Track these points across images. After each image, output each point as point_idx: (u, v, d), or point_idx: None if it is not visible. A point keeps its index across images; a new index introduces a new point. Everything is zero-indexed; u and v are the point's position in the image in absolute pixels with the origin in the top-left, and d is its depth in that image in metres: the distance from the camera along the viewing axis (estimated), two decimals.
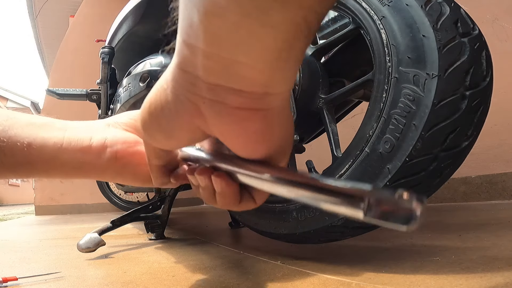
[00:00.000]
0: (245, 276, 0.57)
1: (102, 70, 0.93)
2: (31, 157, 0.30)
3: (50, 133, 0.31)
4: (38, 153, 0.30)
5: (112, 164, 0.33)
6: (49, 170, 0.31)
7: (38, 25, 6.33)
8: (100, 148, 0.33)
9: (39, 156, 0.30)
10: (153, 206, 1.20)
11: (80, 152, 0.32)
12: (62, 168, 0.32)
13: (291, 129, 0.24)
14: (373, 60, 0.54)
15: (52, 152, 0.31)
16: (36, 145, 0.30)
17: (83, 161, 0.32)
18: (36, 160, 0.30)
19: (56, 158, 0.31)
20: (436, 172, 0.47)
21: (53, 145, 0.31)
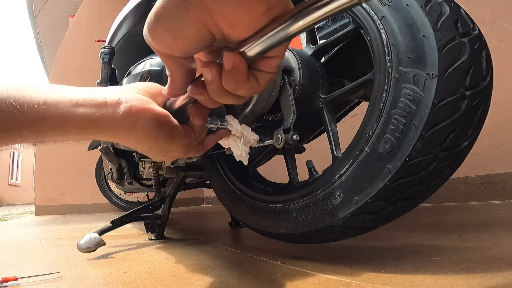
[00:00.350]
0: (245, 276, 0.57)
1: (102, 70, 0.93)
2: (46, 113, 0.30)
3: (66, 93, 0.32)
4: (53, 109, 0.30)
5: (126, 119, 0.34)
6: (65, 125, 0.31)
7: (38, 25, 6.33)
8: (115, 104, 0.34)
9: (55, 112, 0.30)
10: (153, 206, 1.20)
11: (95, 107, 0.33)
12: (77, 123, 0.32)
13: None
14: (373, 60, 0.54)
15: (68, 107, 0.31)
16: (51, 101, 0.30)
17: (98, 116, 0.33)
18: (52, 115, 0.30)
19: (71, 113, 0.31)
20: (436, 172, 0.47)
21: (68, 101, 0.31)
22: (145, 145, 0.37)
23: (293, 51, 0.69)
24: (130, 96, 0.35)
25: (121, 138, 0.35)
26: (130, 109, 0.34)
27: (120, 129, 0.34)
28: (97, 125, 0.33)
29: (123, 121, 0.34)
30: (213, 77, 0.31)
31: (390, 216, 0.52)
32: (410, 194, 0.48)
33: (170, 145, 0.38)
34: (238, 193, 0.78)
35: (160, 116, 0.36)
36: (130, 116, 0.34)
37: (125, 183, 1.67)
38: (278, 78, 0.64)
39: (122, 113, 0.34)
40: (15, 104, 0.29)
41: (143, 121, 0.35)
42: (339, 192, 0.53)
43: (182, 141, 0.39)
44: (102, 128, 0.33)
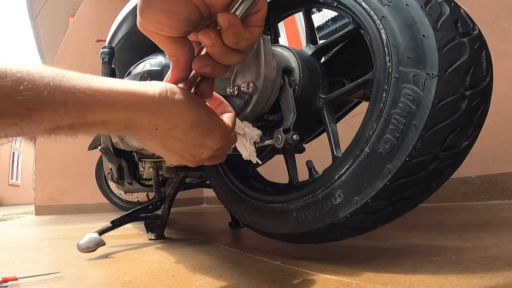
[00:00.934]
0: (245, 276, 0.57)
1: (102, 70, 0.93)
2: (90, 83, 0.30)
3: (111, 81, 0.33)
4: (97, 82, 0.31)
5: (164, 96, 0.35)
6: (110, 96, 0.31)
7: (38, 25, 6.33)
8: (148, 85, 0.35)
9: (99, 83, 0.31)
10: (153, 206, 1.20)
11: (134, 85, 0.33)
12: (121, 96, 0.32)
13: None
14: (373, 60, 0.54)
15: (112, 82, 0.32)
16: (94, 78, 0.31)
17: (139, 91, 0.33)
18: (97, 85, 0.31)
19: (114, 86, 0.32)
20: (436, 172, 0.47)
21: (110, 79, 0.32)
22: (187, 122, 0.36)
23: (293, 51, 0.69)
24: (160, 82, 0.36)
25: (164, 115, 0.35)
26: (165, 87, 0.35)
27: (161, 104, 0.34)
28: (140, 98, 0.33)
29: (162, 96, 0.34)
30: (213, 38, 0.33)
31: (390, 216, 0.52)
32: (410, 194, 0.48)
33: (211, 124, 0.38)
34: (238, 193, 0.78)
35: (194, 95, 0.38)
36: (167, 92, 0.35)
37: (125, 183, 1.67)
38: (278, 78, 0.64)
39: (159, 90, 0.35)
40: (61, 75, 0.28)
41: (180, 95, 0.36)
42: (339, 192, 0.53)
43: (221, 123, 0.40)
44: (145, 102, 0.33)
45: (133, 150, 1.01)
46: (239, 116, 0.64)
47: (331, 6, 0.65)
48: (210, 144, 0.39)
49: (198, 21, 0.34)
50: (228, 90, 0.63)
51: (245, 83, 0.62)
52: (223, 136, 0.40)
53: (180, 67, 0.37)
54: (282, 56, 0.69)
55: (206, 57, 0.36)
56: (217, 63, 0.36)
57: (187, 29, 0.35)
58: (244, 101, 0.64)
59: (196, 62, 0.36)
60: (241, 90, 0.62)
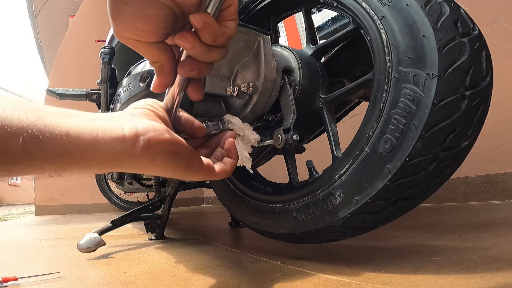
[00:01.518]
0: (245, 276, 0.57)
1: (102, 70, 0.93)
2: (69, 145, 0.29)
3: (83, 123, 0.31)
4: (76, 141, 0.29)
5: (146, 152, 0.34)
6: (86, 159, 0.31)
7: (38, 25, 6.33)
8: (133, 137, 0.33)
9: (77, 145, 0.30)
10: (153, 206, 1.20)
11: (115, 142, 0.32)
12: (98, 158, 0.31)
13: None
14: (373, 60, 0.54)
15: (89, 141, 0.30)
16: (73, 133, 0.29)
17: (119, 150, 0.32)
18: (74, 148, 0.29)
19: (92, 147, 0.31)
20: (436, 172, 0.47)
21: (89, 133, 0.31)
22: (164, 174, 0.37)
23: (293, 51, 0.69)
24: (147, 126, 0.35)
25: (141, 170, 0.36)
26: (148, 142, 0.34)
27: (140, 163, 0.34)
28: (117, 159, 0.32)
29: (143, 156, 0.34)
30: (191, 41, 0.34)
31: (390, 216, 0.52)
32: (410, 194, 0.48)
33: (187, 173, 0.38)
34: (238, 193, 0.78)
35: (177, 146, 0.36)
36: (149, 150, 0.34)
37: (125, 183, 1.67)
38: (278, 78, 0.64)
39: (141, 148, 0.33)
40: (37, 134, 0.27)
41: (161, 154, 0.35)
42: (339, 192, 0.53)
43: (199, 171, 0.39)
44: (122, 162, 0.33)
45: None
46: (239, 116, 0.64)
47: (331, 6, 0.65)
48: (194, 178, 0.40)
49: (174, 23, 0.35)
50: (228, 90, 0.63)
51: (245, 83, 0.62)
52: (202, 178, 0.40)
53: (165, 73, 0.38)
54: (282, 56, 0.69)
55: (189, 61, 0.36)
56: (201, 63, 0.37)
57: (166, 32, 0.35)
58: (244, 101, 0.64)
59: (181, 68, 0.36)
60: (241, 90, 0.62)
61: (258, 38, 0.61)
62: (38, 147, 0.27)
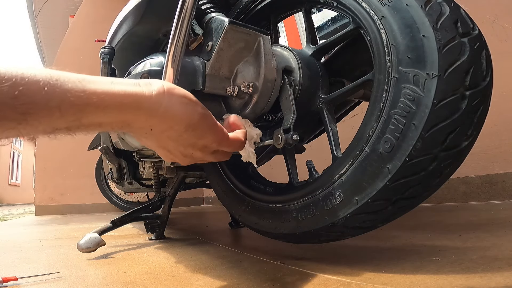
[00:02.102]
0: (245, 276, 0.57)
1: (102, 70, 0.93)
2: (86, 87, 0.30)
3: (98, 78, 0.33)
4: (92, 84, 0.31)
5: (161, 95, 0.35)
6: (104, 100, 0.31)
7: (38, 25, 6.33)
8: (147, 84, 0.35)
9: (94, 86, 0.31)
10: (153, 206, 1.20)
11: (130, 85, 0.34)
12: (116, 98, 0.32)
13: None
14: (373, 60, 0.54)
15: (106, 83, 0.32)
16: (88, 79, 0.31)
17: (136, 91, 0.33)
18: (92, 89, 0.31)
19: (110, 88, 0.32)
20: (436, 172, 0.47)
21: (103, 81, 0.32)
22: (182, 124, 0.37)
23: (293, 51, 0.69)
24: (158, 80, 0.37)
25: (159, 116, 0.35)
26: (163, 87, 0.35)
27: (157, 105, 0.35)
28: (136, 100, 0.33)
29: (159, 97, 0.35)
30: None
31: (390, 216, 0.52)
32: (410, 194, 0.48)
33: (204, 124, 0.39)
34: (238, 193, 0.77)
35: (191, 96, 0.38)
36: (164, 93, 0.35)
37: (125, 183, 1.67)
38: (278, 78, 0.64)
39: (156, 90, 0.35)
40: (54, 78, 0.29)
41: (177, 96, 0.36)
42: (339, 192, 0.53)
43: (216, 127, 0.40)
44: (141, 104, 0.34)
45: (133, 150, 1.00)
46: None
47: (331, 6, 0.65)
48: (201, 146, 0.40)
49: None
50: (228, 90, 0.63)
51: (245, 83, 0.62)
52: (217, 141, 0.41)
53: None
54: (282, 56, 0.69)
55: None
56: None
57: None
58: (244, 101, 0.64)
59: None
60: (241, 90, 0.62)
61: (258, 38, 0.61)
62: (54, 87, 0.28)
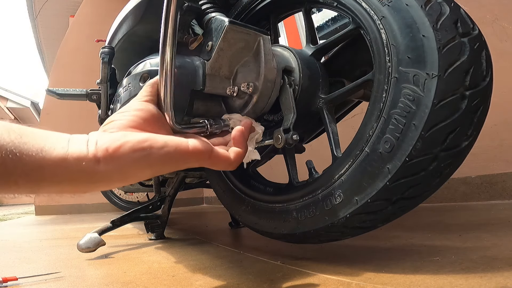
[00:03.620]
0: (245, 276, 0.57)
1: (102, 70, 0.93)
2: (43, 161, 0.30)
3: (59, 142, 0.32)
4: (48, 157, 0.30)
5: (109, 160, 0.33)
6: (57, 175, 0.31)
7: (38, 25, 6.33)
8: (94, 152, 0.33)
9: (50, 160, 0.30)
10: (153, 206, 1.20)
11: (80, 160, 0.32)
12: (68, 175, 0.31)
13: None
14: (373, 60, 0.54)
15: (59, 158, 0.31)
16: (47, 149, 0.30)
17: (84, 167, 0.32)
18: (47, 164, 0.30)
19: (62, 163, 0.31)
20: (436, 172, 0.47)
21: (61, 150, 0.31)
22: (146, 175, 0.35)
23: (293, 51, 0.69)
24: (102, 139, 0.34)
25: (119, 180, 0.34)
26: (106, 151, 0.33)
27: (111, 178, 0.33)
28: (85, 176, 0.32)
29: (107, 164, 0.33)
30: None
31: (390, 216, 0.52)
32: (410, 194, 0.48)
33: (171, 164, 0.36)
34: (238, 193, 0.77)
35: (139, 143, 0.34)
36: (112, 156, 0.33)
37: None
38: (278, 78, 0.64)
39: (103, 160, 0.32)
40: (15, 151, 0.28)
41: (126, 156, 0.33)
42: (339, 192, 0.53)
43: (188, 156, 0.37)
44: (92, 179, 0.32)
45: None
46: None
47: (331, 6, 0.65)
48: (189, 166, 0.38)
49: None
50: (228, 90, 0.63)
51: (245, 83, 0.62)
52: (194, 164, 0.38)
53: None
54: (282, 56, 0.69)
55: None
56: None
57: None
58: (244, 101, 0.64)
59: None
60: (241, 90, 0.62)
61: (258, 38, 0.61)
62: (14, 163, 0.28)
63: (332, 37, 0.67)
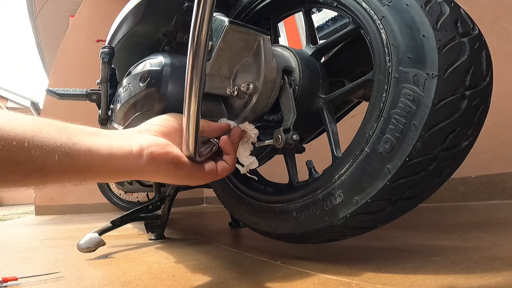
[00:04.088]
0: (245, 276, 0.57)
1: (102, 70, 0.93)
2: (91, 160, 0.35)
3: (101, 140, 0.37)
4: (96, 157, 0.36)
5: (150, 163, 0.40)
6: (104, 171, 0.37)
7: (38, 25, 6.33)
8: (139, 152, 0.40)
9: (97, 159, 0.36)
10: (153, 206, 1.20)
11: (125, 157, 0.39)
12: (113, 170, 0.38)
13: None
14: (373, 60, 0.54)
15: (106, 156, 0.37)
16: (94, 150, 0.36)
17: (128, 163, 0.39)
18: (96, 163, 0.36)
19: (109, 161, 0.37)
20: (436, 172, 0.47)
21: (106, 149, 0.37)
22: (169, 181, 0.45)
23: (293, 51, 0.69)
24: (150, 142, 0.42)
25: (148, 178, 0.43)
26: (151, 155, 0.40)
27: (146, 173, 0.41)
28: (128, 171, 0.39)
29: (148, 166, 0.40)
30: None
31: (390, 216, 0.52)
32: (410, 194, 0.48)
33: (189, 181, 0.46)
34: (238, 193, 0.77)
35: (177, 159, 0.43)
36: (152, 161, 0.41)
37: (125, 183, 1.67)
38: (278, 78, 0.64)
39: (145, 160, 0.40)
40: (69, 151, 0.33)
41: (163, 164, 0.42)
42: (339, 192, 0.53)
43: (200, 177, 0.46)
44: (132, 173, 0.40)
45: None
46: (239, 117, 0.64)
47: (331, 6, 0.65)
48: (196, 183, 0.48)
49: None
50: (228, 90, 0.63)
51: (245, 83, 0.62)
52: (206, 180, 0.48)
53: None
54: (282, 56, 0.69)
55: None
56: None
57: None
58: (244, 101, 0.64)
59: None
60: (241, 90, 0.62)
61: (258, 38, 0.61)
62: (68, 162, 0.33)
63: (332, 37, 0.67)
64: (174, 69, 0.62)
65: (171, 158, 0.42)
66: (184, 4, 0.72)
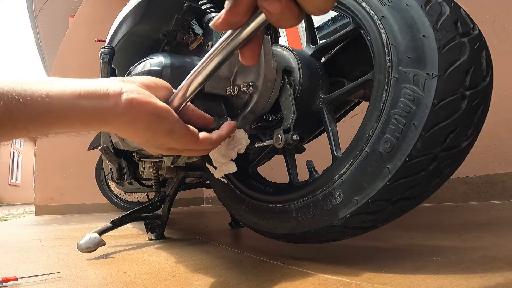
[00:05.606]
0: (245, 276, 0.57)
1: (102, 70, 0.93)
2: (50, 105, 0.30)
3: (66, 85, 0.32)
4: (56, 101, 0.31)
5: (128, 111, 0.35)
6: (69, 117, 0.32)
7: (38, 25, 6.33)
8: (116, 95, 0.34)
9: (58, 103, 0.31)
10: (153, 206, 1.20)
11: (98, 99, 0.33)
12: (80, 115, 0.32)
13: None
14: (373, 60, 0.54)
15: (71, 100, 0.32)
16: (53, 94, 0.31)
17: (101, 107, 0.33)
18: (55, 107, 0.31)
19: (75, 105, 0.32)
20: (436, 172, 0.47)
21: (71, 93, 0.32)
22: (143, 137, 0.38)
23: (293, 51, 0.69)
24: (132, 88, 0.36)
25: (122, 129, 0.36)
26: (131, 101, 0.35)
27: (121, 121, 0.35)
28: (100, 117, 0.34)
29: (125, 113, 0.35)
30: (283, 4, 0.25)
31: (390, 216, 0.52)
32: (410, 194, 0.48)
33: (168, 139, 0.39)
34: (238, 193, 0.78)
35: (160, 110, 0.37)
36: (131, 109, 0.35)
37: (125, 183, 1.66)
38: (278, 78, 0.64)
39: (123, 105, 0.34)
40: (18, 98, 0.29)
41: (143, 114, 0.36)
42: (339, 192, 0.53)
43: (181, 137, 0.39)
44: (105, 120, 0.34)
45: (133, 150, 1.01)
46: (239, 117, 0.64)
47: None
48: (170, 147, 0.41)
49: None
50: (228, 90, 0.63)
51: (245, 83, 0.62)
52: (183, 145, 0.40)
53: (239, 10, 0.29)
54: (282, 56, 0.69)
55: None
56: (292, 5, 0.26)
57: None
58: (244, 101, 0.64)
59: (271, 4, 0.26)
60: (241, 90, 0.62)
61: None
62: (19, 108, 0.29)
63: (332, 37, 0.67)
64: (174, 69, 0.62)
65: (153, 108, 0.36)
66: (184, 4, 0.72)
